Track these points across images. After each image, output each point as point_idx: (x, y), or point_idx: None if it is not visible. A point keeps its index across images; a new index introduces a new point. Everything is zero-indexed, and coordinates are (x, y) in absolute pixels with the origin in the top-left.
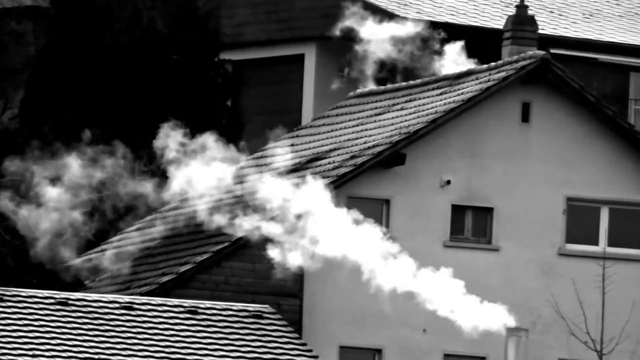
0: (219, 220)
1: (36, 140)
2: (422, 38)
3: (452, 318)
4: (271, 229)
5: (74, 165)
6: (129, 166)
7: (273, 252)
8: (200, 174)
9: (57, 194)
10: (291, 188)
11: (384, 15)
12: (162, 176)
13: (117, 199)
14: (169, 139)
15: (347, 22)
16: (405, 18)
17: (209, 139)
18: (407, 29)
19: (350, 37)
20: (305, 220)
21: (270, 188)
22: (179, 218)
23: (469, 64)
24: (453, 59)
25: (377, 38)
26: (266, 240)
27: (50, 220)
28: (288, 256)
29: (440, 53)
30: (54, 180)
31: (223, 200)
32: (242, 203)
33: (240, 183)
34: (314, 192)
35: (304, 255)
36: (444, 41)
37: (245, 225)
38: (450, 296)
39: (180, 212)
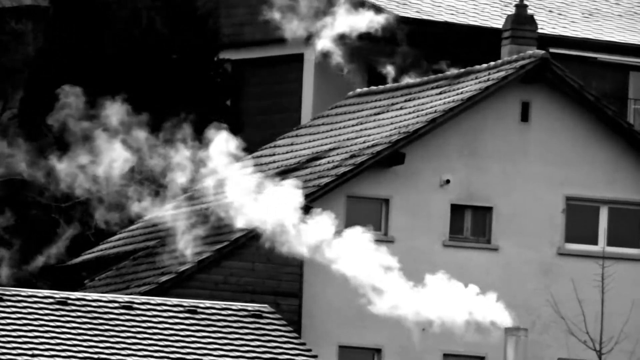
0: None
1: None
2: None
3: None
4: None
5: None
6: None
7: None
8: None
9: None
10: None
11: None
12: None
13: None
14: (67, 107)
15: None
16: None
17: (113, 109)
18: None
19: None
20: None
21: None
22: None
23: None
24: (345, 13)
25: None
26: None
27: None
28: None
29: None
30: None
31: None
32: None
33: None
34: (221, 160)
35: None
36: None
37: (148, 207)
38: (369, 269)
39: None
